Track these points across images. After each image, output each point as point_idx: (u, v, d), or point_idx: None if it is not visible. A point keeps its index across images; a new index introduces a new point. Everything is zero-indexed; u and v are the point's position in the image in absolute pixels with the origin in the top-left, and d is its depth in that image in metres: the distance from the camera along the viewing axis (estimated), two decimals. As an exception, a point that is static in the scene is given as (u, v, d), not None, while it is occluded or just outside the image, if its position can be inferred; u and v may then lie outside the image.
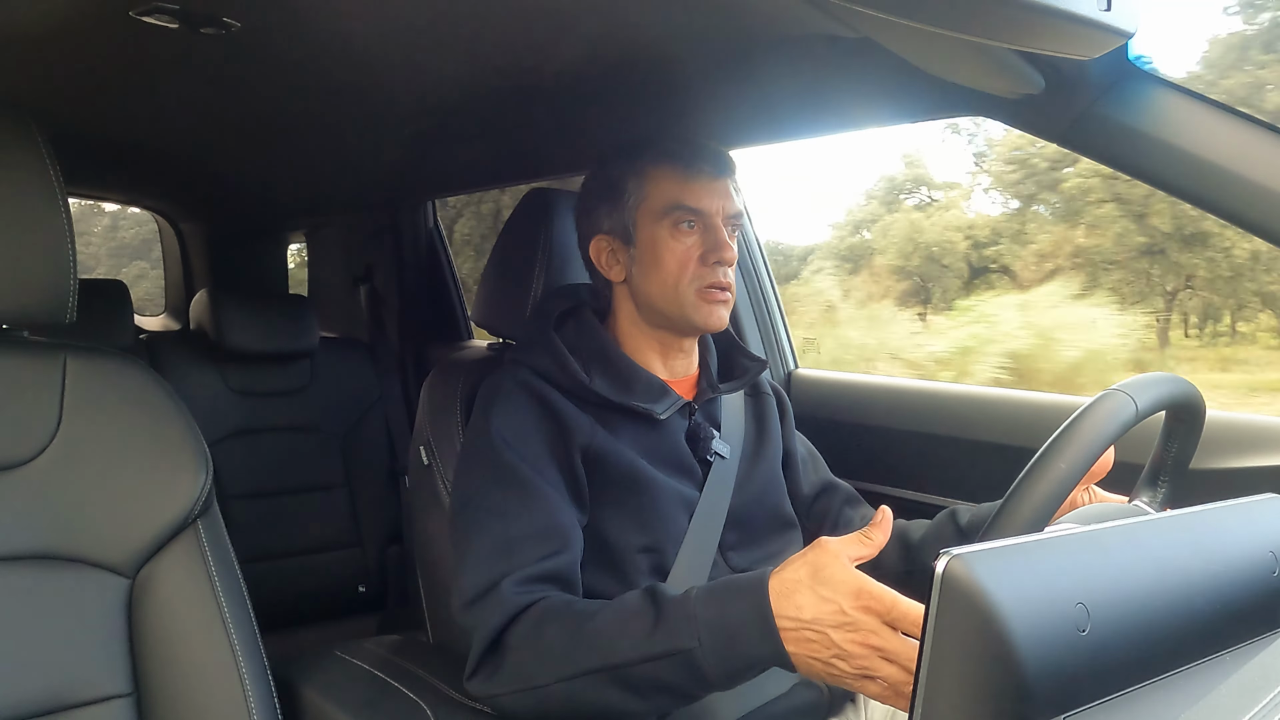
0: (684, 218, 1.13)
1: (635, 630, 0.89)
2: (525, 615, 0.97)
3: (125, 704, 0.95)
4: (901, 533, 1.24)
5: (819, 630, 0.80)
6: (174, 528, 0.99)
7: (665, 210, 1.13)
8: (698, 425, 1.17)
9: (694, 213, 1.13)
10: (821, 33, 1.05)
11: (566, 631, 0.93)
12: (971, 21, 0.78)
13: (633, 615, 0.90)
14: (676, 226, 1.13)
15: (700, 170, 1.14)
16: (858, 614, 0.79)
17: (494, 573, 1.00)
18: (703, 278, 1.13)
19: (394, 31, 1.15)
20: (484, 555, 1.02)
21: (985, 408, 1.55)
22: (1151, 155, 1.01)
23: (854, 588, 0.80)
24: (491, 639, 0.97)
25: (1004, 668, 0.45)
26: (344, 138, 1.78)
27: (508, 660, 0.96)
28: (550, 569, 1.01)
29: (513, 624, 0.97)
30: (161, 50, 1.23)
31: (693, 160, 1.14)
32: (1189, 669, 0.56)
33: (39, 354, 0.99)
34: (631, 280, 1.17)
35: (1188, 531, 0.62)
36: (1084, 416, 0.80)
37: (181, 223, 3.06)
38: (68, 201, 0.96)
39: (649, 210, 1.14)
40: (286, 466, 2.27)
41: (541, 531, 1.03)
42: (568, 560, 1.03)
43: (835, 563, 0.82)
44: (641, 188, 1.15)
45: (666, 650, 0.86)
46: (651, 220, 1.14)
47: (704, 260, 1.13)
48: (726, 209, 1.15)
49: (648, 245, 1.14)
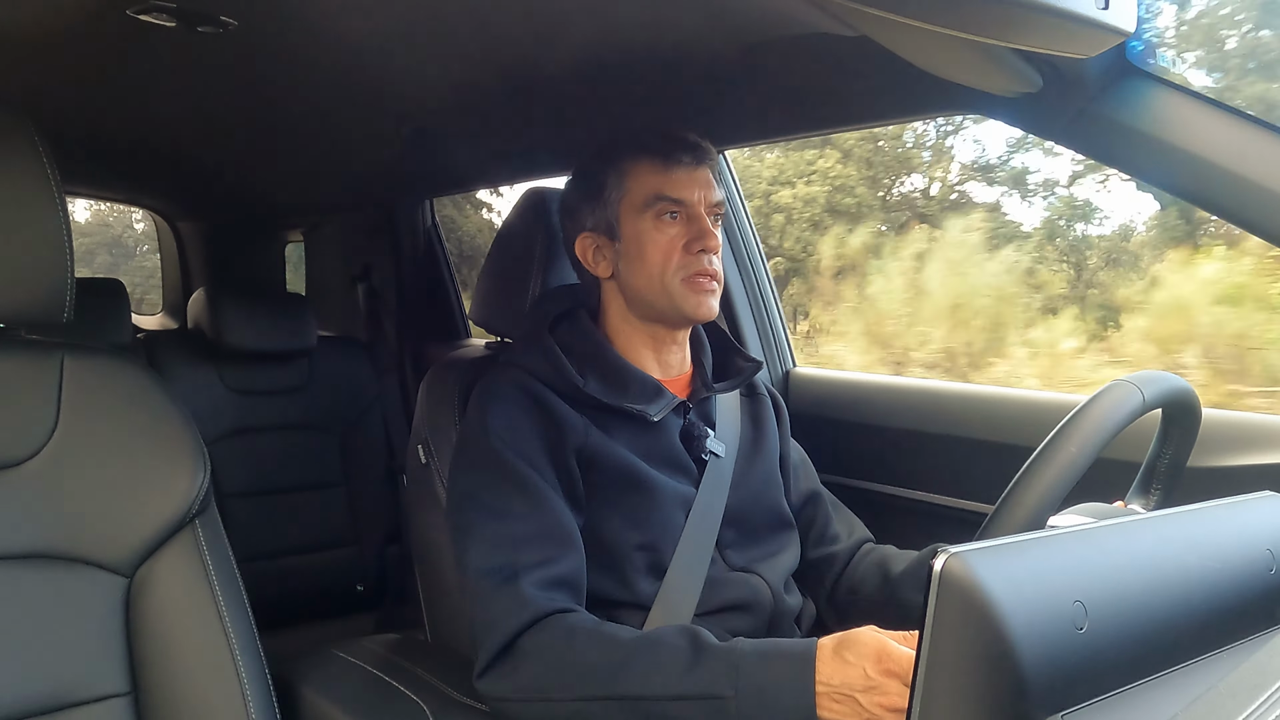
0: (666, 208, 1.13)
1: (670, 667, 0.90)
2: (547, 624, 0.97)
3: (123, 703, 0.95)
4: (883, 562, 1.24)
5: (847, 694, 0.83)
6: (172, 527, 0.99)
7: (647, 202, 1.14)
8: (692, 424, 1.18)
9: (676, 203, 1.13)
10: (820, 31, 1.05)
11: (594, 652, 0.94)
12: (969, 20, 0.78)
13: (668, 651, 0.92)
14: (659, 218, 1.14)
15: (679, 160, 1.14)
16: (880, 677, 0.81)
17: (504, 570, 1.00)
18: (688, 266, 1.13)
19: (392, 30, 1.15)
20: (488, 552, 1.02)
21: (983, 406, 1.55)
22: (1149, 154, 1.01)
23: (876, 651, 0.83)
24: (508, 640, 0.97)
25: (1002, 666, 0.45)
26: (342, 136, 1.78)
27: (524, 667, 0.96)
28: (562, 573, 1.02)
29: (532, 629, 0.97)
30: (159, 49, 1.23)
31: (671, 151, 1.14)
32: (1186, 667, 0.56)
33: (36, 353, 0.99)
34: (619, 275, 1.17)
35: (1185, 530, 0.62)
36: (1092, 404, 0.81)
37: (179, 221, 3.05)
38: (65, 200, 0.96)
39: (631, 204, 1.15)
40: (284, 465, 2.27)
41: (545, 532, 1.03)
42: (577, 565, 1.04)
43: (866, 630, 0.85)
44: (622, 183, 1.16)
45: (700, 693, 0.88)
46: (634, 214, 1.15)
47: (688, 249, 1.13)
48: (708, 197, 1.15)
49: (632, 239, 1.15)
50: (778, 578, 1.18)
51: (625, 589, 1.08)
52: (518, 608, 0.97)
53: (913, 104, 1.23)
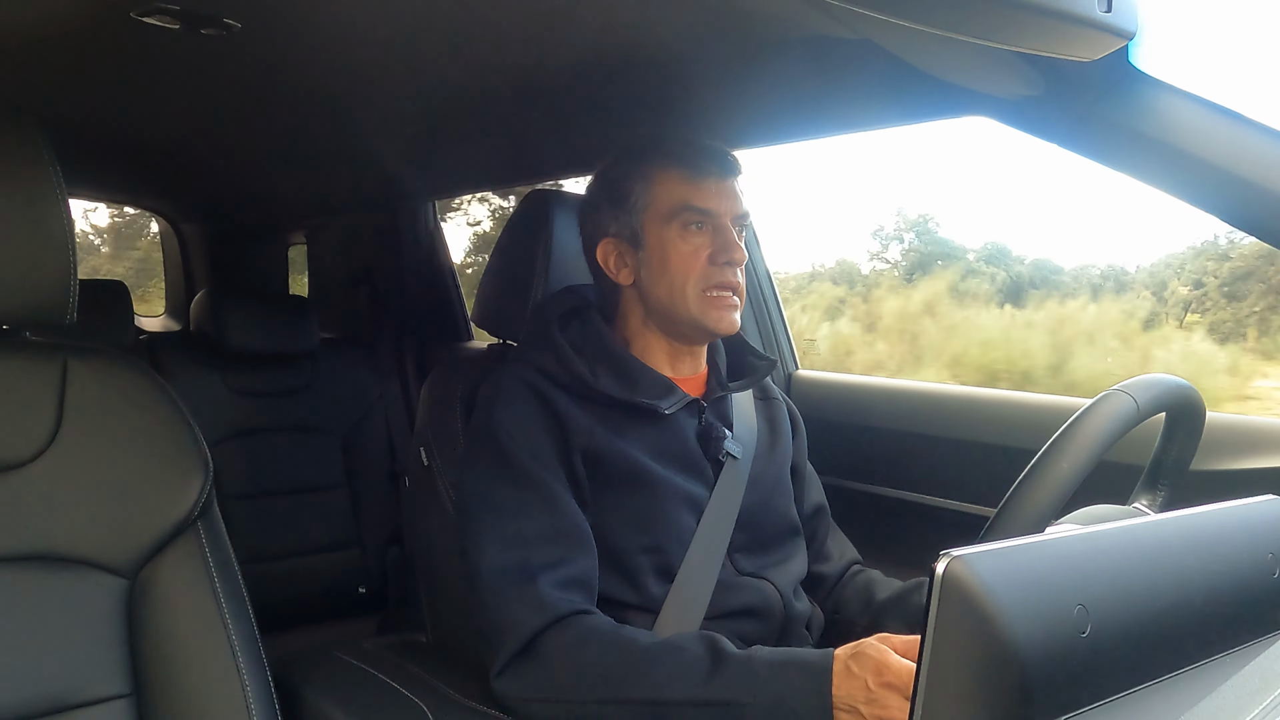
0: (693, 219, 1.13)
1: (690, 673, 0.92)
2: (565, 624, 0.98)
3: (125, 705, 0.95)
4: (868, 586, 1.25)
5: (851, 705, 0.85)
6: (174, 529, 0.99)
7: (674, 212, 1.13)
8: (710, 424, 1.17)
9: (702, 213, 1.13)
10: (822, 34, 1.05)
11: (613, 656, 0.95)
12: (972, 22, 0.78)
13: (688, 657, 0.93)
14: (685, 228, 1.13)
15: (707, 172, 1.14)
16: (880, 690, 0.83)
17: (519, 570, 1.01)
18: (710, 278, 1.13)
19: (394, 32, 1.16)
20: (500, 550, 1.03)
21: (985, 409, 1.55)
22: (1151, 157, 1.01)
23: (876, 664, 0.84)
24: (527, 641, 0.98)
25: (1004, 670, 0.45)
26: (344, 138, 1.79)
27: (543, 667, 0.97)
28: (577, 573, 1.03)
29: (551, 630, 0.98)
30: (162, 51, 1.23)
31: (699, 162, 1.14)
32: (1189, 671, 0.56)
33: (39, 354, 0.99)
34: (640, 283, 1.17)
35: (1188, 533, 0.62)
36: (1085, 417, 0.80)
37: (182, 223, 3.06)
38: (68, 202, 0.96)
39: (656, 213, 1.14)
40: (286, 467, 2.27)
41: (558, 531, 1.04)
42: (590, 565, 1.05)
43: (870, 643, 0.87)
44: (648, 190, 1.15)
45: (719, 699, 0.90)
46: (660, 223, 1.14)
47: (713, 260, 1.13)
48: (734, 209, 1.15)
49: (656, 247, 1.14)
50: (787, 584, 1.17)
51: (634, 591, 1.08)
52: (536, 608, 0.98)
53: (915, 108, 1.23)
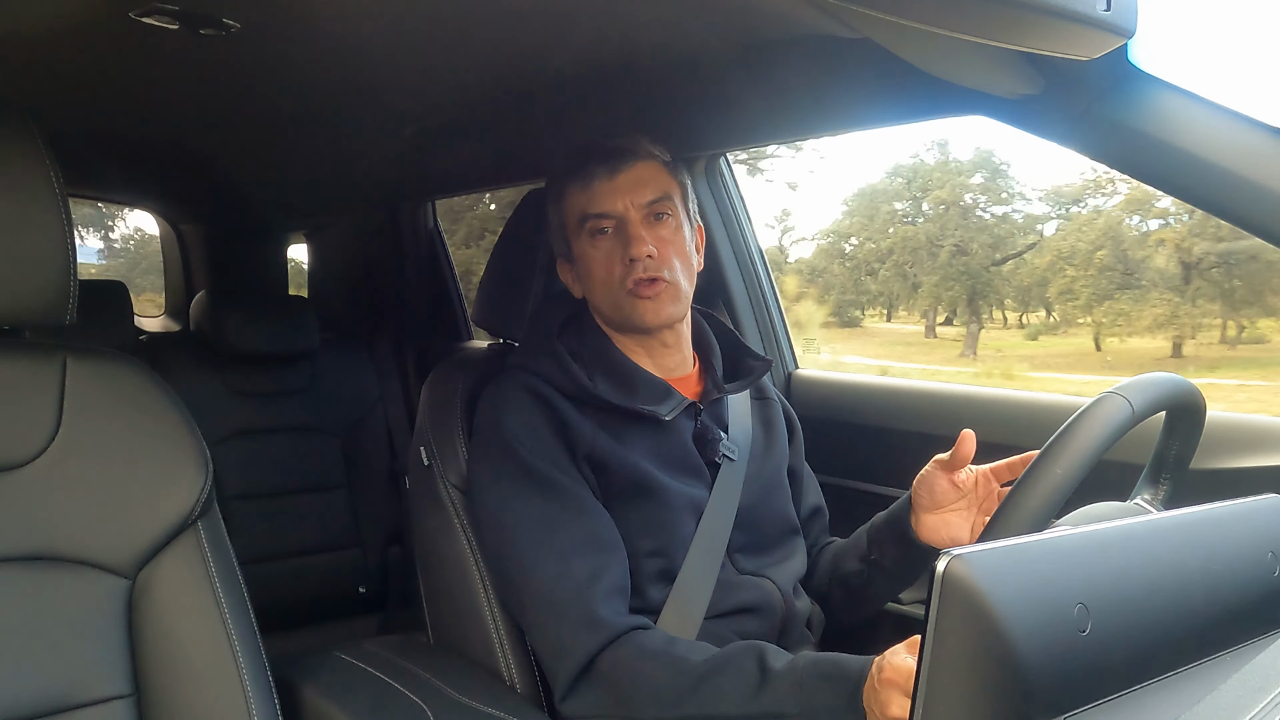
0: (595, 225, 1.13)
1: (741, 686, 0.95)
2: (621, 643, 1.00)
3: (125, 705, 0.95)
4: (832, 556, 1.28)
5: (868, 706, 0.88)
6: (174, 529, 0.99)
7: (579, 224, 1.15)
8: (705, 427, 1.17)
9: (601, 217, 1.13)
10: (821, 33, 1.05)
11: (669, 673, 0.98)
12: (971, 21, 0.78)
13: (737, 672, 0.96)
14: (593, 236, 1.14)
15: (594, 175, 1.13)
16: (881, 686, 0.85)
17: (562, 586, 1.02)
18: (626, 276, 1.12)
19: (394, 33, 1.16)
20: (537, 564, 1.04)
21: (984, 408, 1.55)
22: (1152, 155, 1.01)
23: (878, 662, 0.87)
24: (586, 662, 1.00)
25: (1005, 668, 0.45)
26: (344, 138, 1.79)
27: (605, 689, 1.00)
28: (618, 580, 1.04)
29: (608, 649, 1.00)
30: (161, 51, 1.23)
31: (584, 166, 1.14)
32: (1189, 669, 0.56)
33: (39, 355, 0.99)
34: (586, 294, 1.19)
35: (1188, 532, 0.62)
36: (1080, 421, 0.80)
37: (181, 223, 3.06)
38: (68, 202, 0.96)
39: (570, 228, 1.17)
40: (287, 467, 2.27)
41: (590, 537, 1.05)
42: (625, 567, 1.06)
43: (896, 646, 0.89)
44: (560, 209, 1.17)
45: (769, 712, 0.93)
46: (575, 237, 1.16)
47: (623, 260, 1.12)
48: (636, 199, 1.12)
49: (580, 259, 1.16)
50: (787, 582, 1.18)
51: (635, 595, 1.08)
52: (590, 628, 1.01)
53: (915, 107, 1.23)
